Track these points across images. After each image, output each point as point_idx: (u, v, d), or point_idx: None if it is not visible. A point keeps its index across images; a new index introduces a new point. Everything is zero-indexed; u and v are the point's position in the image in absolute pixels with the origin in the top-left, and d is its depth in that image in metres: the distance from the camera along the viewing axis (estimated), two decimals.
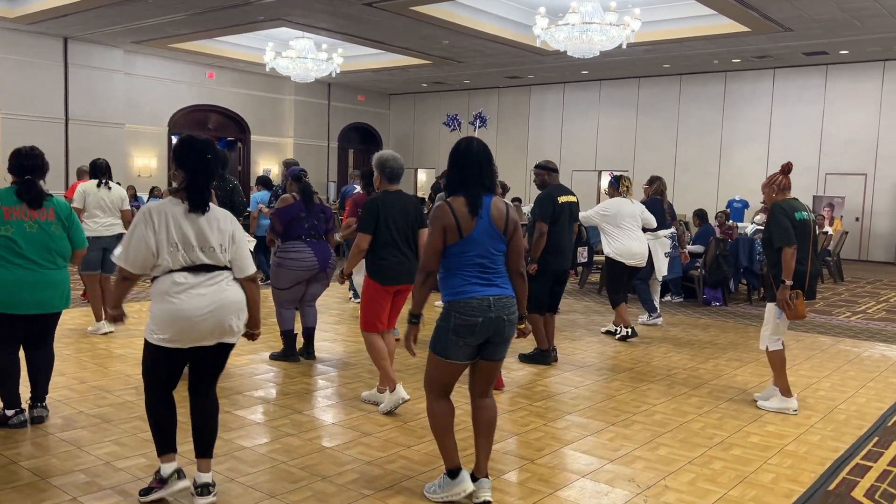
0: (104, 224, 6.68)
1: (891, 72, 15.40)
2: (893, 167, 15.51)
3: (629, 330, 7.14)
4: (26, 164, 4.19)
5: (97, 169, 6.86)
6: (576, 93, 19.72)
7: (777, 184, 4.95)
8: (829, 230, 13.06)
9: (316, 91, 20.76)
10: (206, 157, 3.32)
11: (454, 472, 3.35)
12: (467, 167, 3.32)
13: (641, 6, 12.18)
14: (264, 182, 10.46)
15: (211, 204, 3.32)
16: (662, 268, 7.95)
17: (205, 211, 3.27)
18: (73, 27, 14.61)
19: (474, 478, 3.39)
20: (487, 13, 13.60)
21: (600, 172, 19.17)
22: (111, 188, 6.83)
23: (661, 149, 18.34)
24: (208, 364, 3.37)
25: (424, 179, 23.16)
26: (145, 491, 3.33)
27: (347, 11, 12.52)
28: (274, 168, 20.31)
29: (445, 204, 3.30)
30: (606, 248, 7.27)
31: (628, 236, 7.18)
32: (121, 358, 5.92)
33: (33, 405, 4.29)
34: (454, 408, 3.43)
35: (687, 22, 13.39)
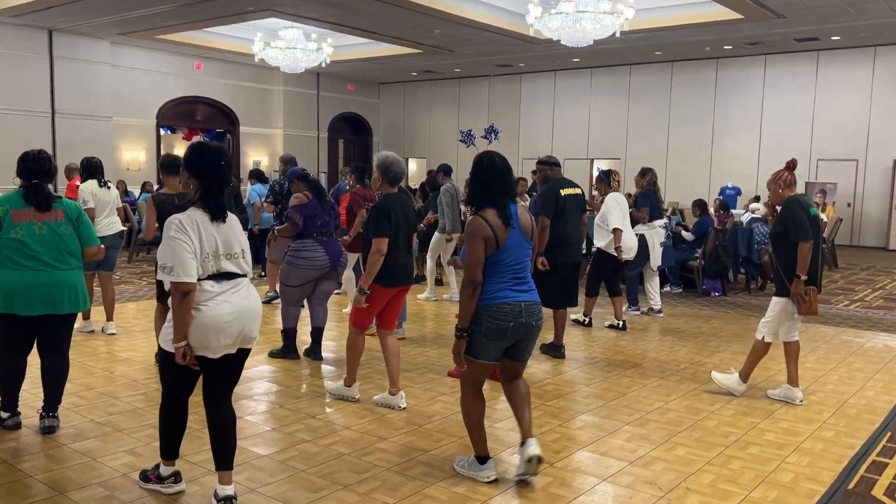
0: (106, 224, 6.70)
1: (882, 57, 15.46)
2: (884, 152, 15.59)
3: (620, 322, 7.34)
4: (33, 168, 4.15)
5: (93, 168, 6.79)
6: (567, 80, 19.65)
7: (783, 180, 4.95)
8: (824, 217, 13.12)
9: (305, 81, 20.52)
10: (220, 164, 3.26)
11: (483, 459, 3.70)
12: (493, 181, 3.57)
13: None
14: (258, 175, 10.28)
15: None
16: (657, 258, 7.99)
17: (225, 219, 3.23)
18: (58, 19, 14.34)
19: (523, 442, 3.65)
20: (479, 1, 13.49)
21: (592, 160, 19.16)
22: (110, 188, 6.86)
23: (653, 136, 18.35)
24: (227, 372, 3.33)
25: (415, 169, 23.03)
26: (145, 478, 3.52)
27: (338, 1, 12.37)
28: (264, 160, 20.14)
29: (479, 217, 3.49)
30: (600, 242, 7.23)
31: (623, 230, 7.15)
32: (126, 362, 5.85)
33: (45, 415, 4.22)
34: (485, 403, 3.74)
35: (680, 9, 13.38)
